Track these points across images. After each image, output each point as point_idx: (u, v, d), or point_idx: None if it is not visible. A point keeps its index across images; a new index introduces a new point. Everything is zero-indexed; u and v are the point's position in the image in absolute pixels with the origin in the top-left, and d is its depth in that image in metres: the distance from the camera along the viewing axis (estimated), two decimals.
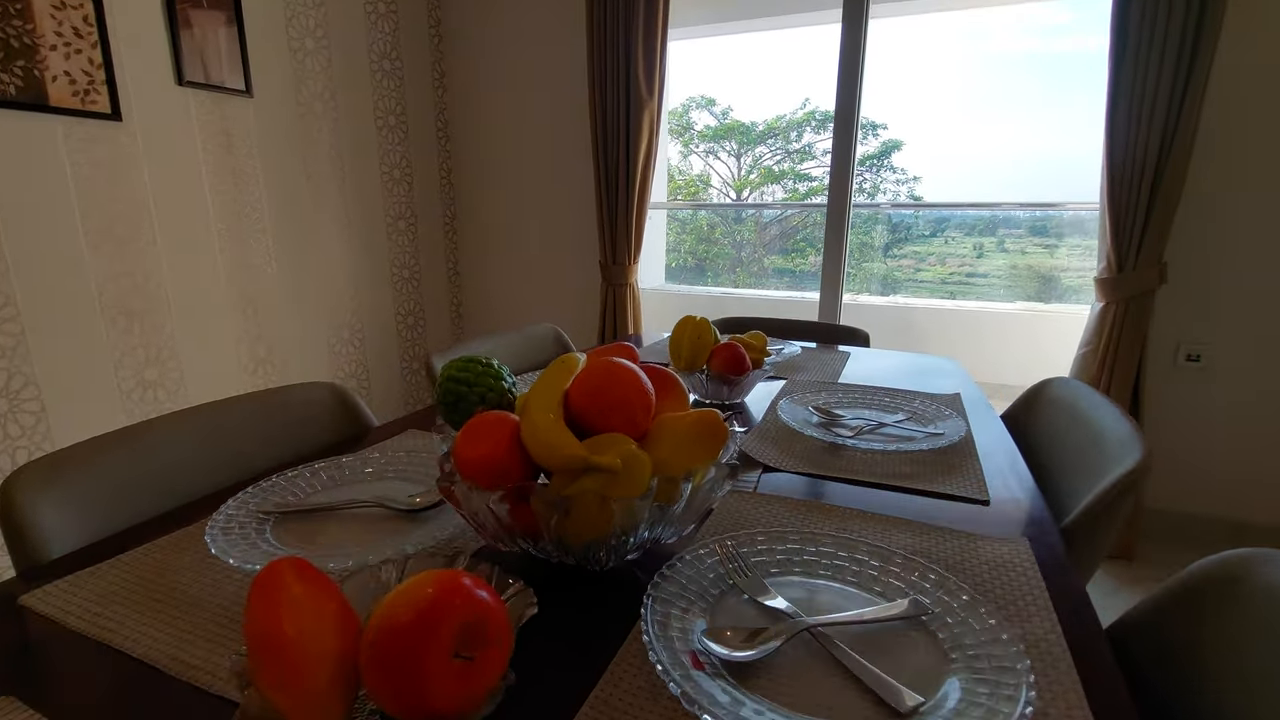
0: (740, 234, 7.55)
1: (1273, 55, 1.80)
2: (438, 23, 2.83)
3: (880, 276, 7.06)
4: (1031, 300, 5.53)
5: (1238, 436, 2.04)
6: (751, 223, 8.17)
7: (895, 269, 6.97)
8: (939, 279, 7.17)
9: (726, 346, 1.04)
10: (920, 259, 7.36)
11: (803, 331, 1.80)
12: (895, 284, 7.15)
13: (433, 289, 2.99)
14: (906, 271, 7.19)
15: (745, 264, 7.52)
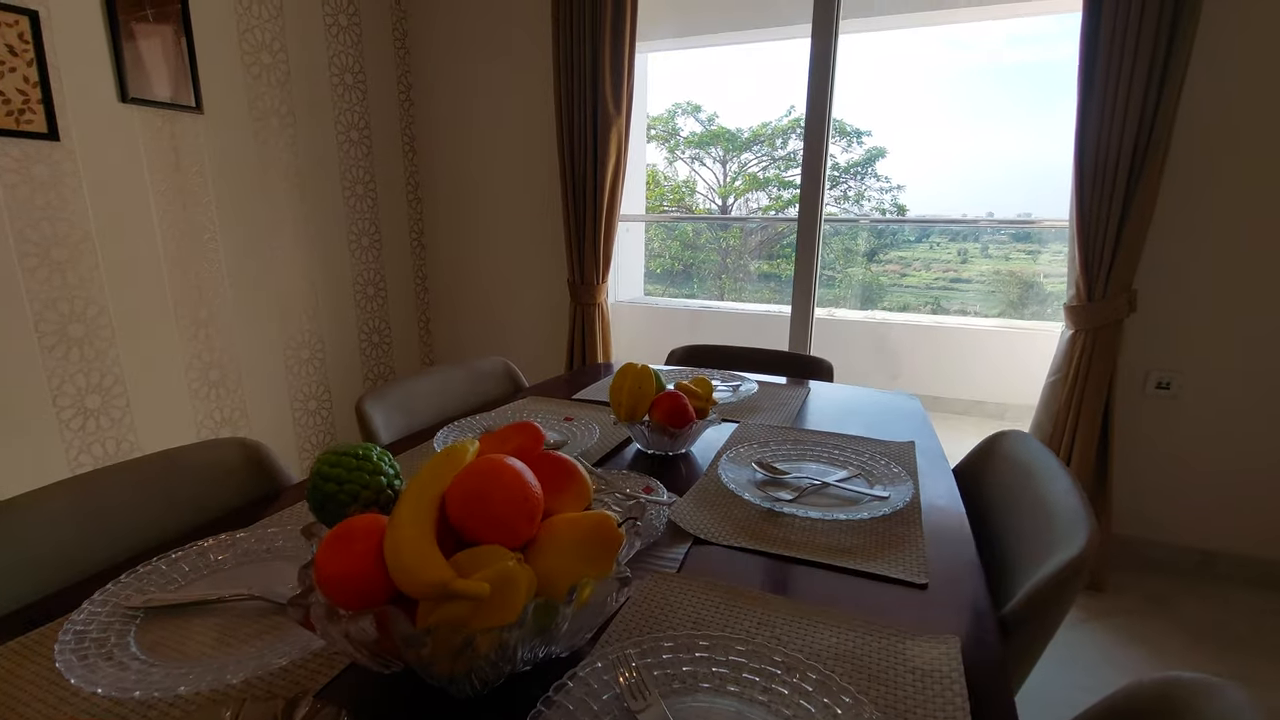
0: (726, 240, 7.53)
1: (1241, 85, 1.78)
2: (404, 35, 2.77)
3: (864, 282, 7.09)
4: (1015, 304, 5.55)
5: (1207, 465, 2.02)
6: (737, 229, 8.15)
7: (881, 274, 7.01)
8: (924, 284, 7.21)
9: (669, 396, 0.99)
10: (906, 264, 7.41)
11: (766, 362, 1.75)
12: (881, 289, 7.19)
13: (399, 305, 2.92)
14: (892, 276, 7.23)
15: (730, 270, 7.52)
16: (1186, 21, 1.67)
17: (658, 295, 7.84)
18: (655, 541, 0.74)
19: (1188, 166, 1.86)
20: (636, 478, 0.84)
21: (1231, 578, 2.04)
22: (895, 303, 7.09)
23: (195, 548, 0.69)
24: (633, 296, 4.81)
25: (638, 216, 4.83)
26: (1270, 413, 1.92)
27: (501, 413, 1.19)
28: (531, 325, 2.89)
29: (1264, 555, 2.00)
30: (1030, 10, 3.26)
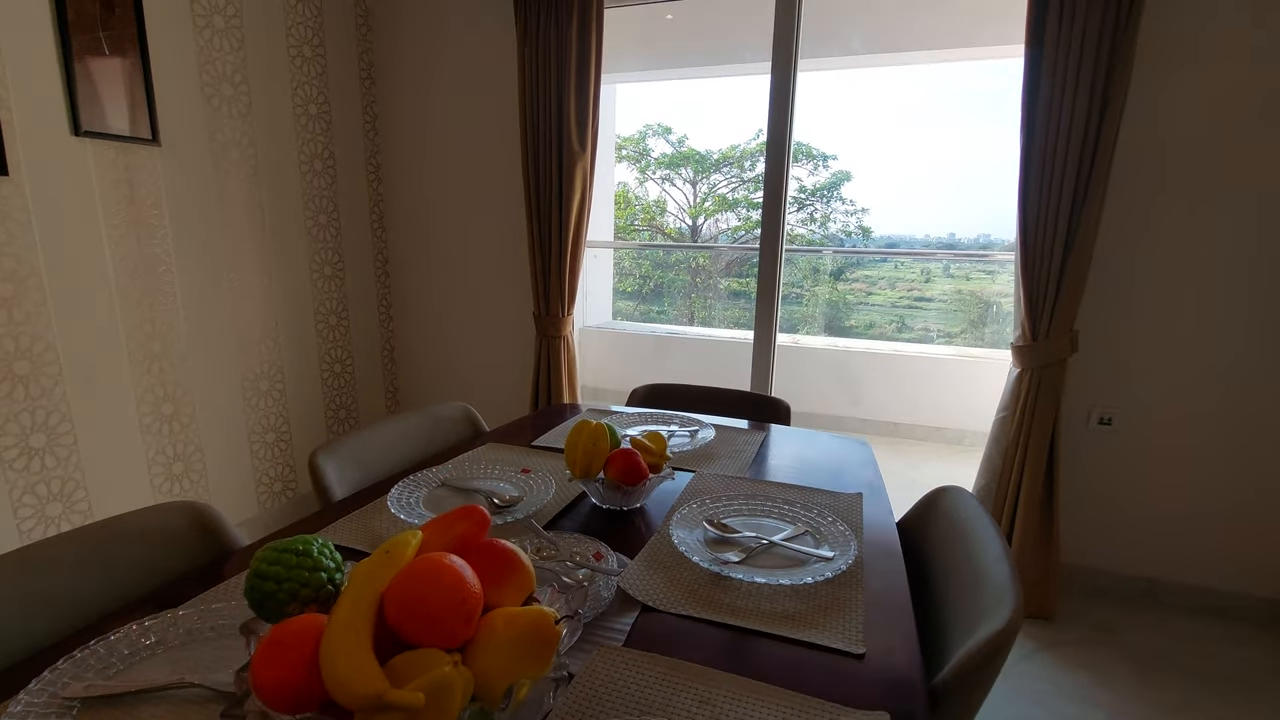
0: (696, 259, 7.60)
1: (1171, 132, 1.89)
2: (369, 66, 2.77)
3: (830, 301, 7.22)
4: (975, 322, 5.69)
5: (1148, 496, 2.10)
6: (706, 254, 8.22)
7: (848, 292, 7.15)
8: (890, 302, 7.38)
9: (623, 455, 1.00)
10: (871, 283, 7.57)
11: (727, 402, 1.78)
12: (848, 308, 7.33)
13: (362, 335, 2.89)
14: (858, 294, 7.38)
15: (700, 289, 7.59)
16: (1119, 80, 1.77)
17: (629, 311, 7.89)
18: (604, 611, 0.75)
19: (1122, 217, 1.96)
20: (588, 541, 0.86)
21: (1174, 605, 2.12)
22: (862, 321, 7.23)
23: (136, 628, 0.68)
24: (601, 321, 4.84)
25: (605, 243, 4.88)
26: (1205, 446, 2.02)
27: (459, 463, 1.19)
28: (497, 356, 2.89)
29: (1204, 583, 2.09)
30: (978, 55, 3.42)
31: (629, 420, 1.50)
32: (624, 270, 7.50)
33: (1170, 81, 1.86)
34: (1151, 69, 1.86)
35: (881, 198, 7.12)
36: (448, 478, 1.11)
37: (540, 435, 1.41)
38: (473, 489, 1.07)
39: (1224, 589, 2.07)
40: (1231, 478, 2.01)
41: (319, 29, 2.52)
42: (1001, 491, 2.10)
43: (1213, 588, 2.08)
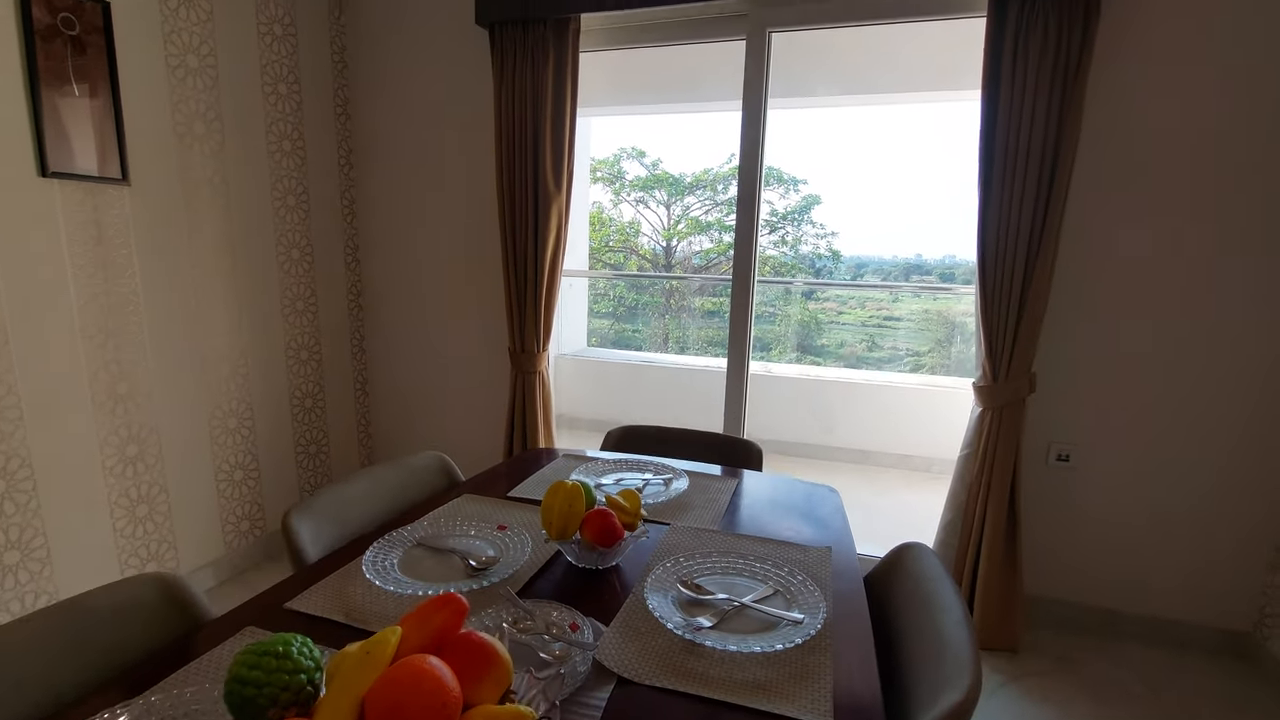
0: (670, 283, 7.66)
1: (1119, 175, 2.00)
2: (345, 102, 2.78)
3: (802, 321, 7.32)
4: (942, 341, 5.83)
5: (1105, 529, 2.18)
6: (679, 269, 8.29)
7: (819, 312, 7.27)
8: (860, 322, 7.51)
9: (598, 515, 1.02)
10: (842, 302, 7.70)
11: (700, 444, 1.81)
12: (819, 327, 7.43)
13: (334, 368, 2.87)
14: (829, 314, 7.50)
15: (674, 310, 7.65)
16: (1070, 124, 1.87)
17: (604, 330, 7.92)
18: (581, 685, 0.77)
19: (1076, 261, 2.06)
20: (564, 610, 0.87)
21: (1132, 636, 2.20)
22: (833, 340, 7.35)
23: (108, 717, 0.68)
24: (576, 349, 4.86)
25: (580, 272, 4.91)
26: (1157, 480, 2.10)
27: (435, 519, 1.20)
28: (472, 391, 2.88)
29: (1161, 614, 2.16)
30: (939, 99, 3.56)
31: (604, 468, 1.52)
32: (599, 291, 7.55)
33: (1118, 119, 1.96)
34: (1099, 108, 1.97)
35: (850, 220, 7.28)
36: (423, 536, 1.12)
37: (516, 485, 1.42)
38: (449, 549, 1.08)
39: (1179, 619, 2.15)
40: (1185, 512, 2.10)
41: (294, 66, 2.53)
42: (967, 526, 2.16)
43: (1169, 618, 2.16)
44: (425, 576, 0.99)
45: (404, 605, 0.91)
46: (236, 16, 2.29)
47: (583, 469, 1.50)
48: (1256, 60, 1.83)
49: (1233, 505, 2.06)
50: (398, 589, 0.93)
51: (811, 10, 2.21)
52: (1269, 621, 2.04)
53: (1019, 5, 1.88)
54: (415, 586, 0.95)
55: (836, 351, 7.25)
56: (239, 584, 2.42)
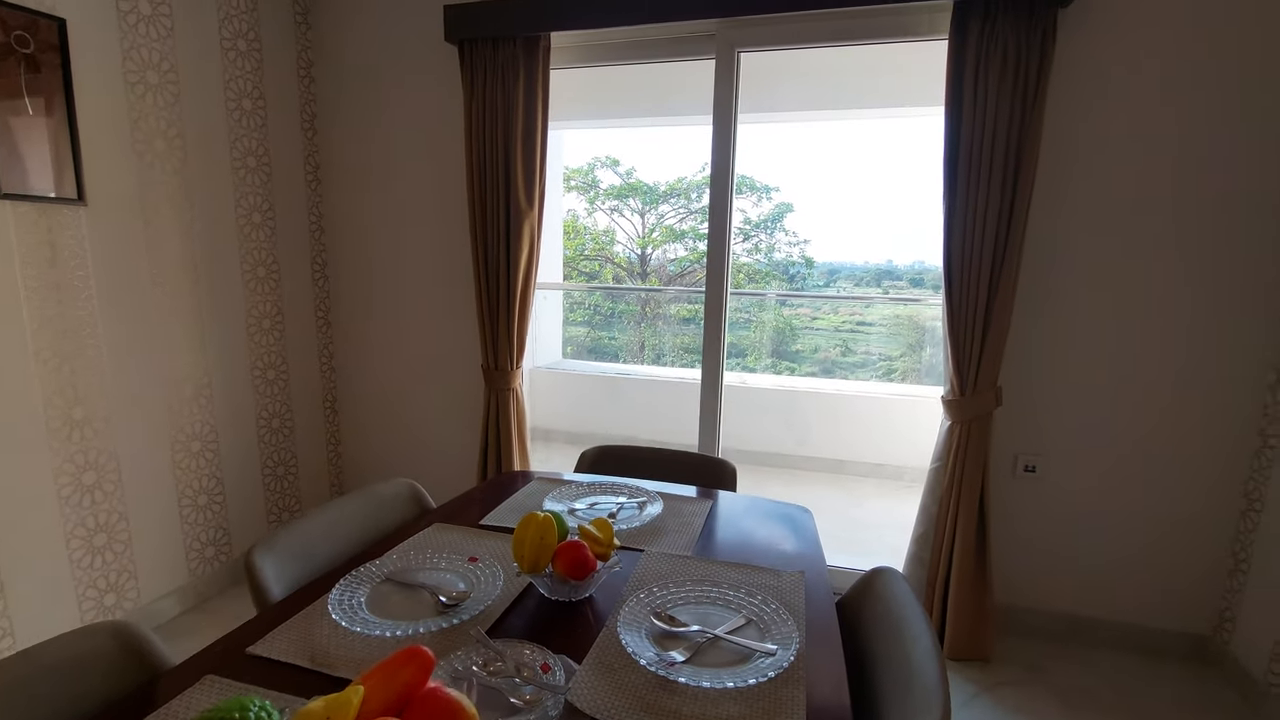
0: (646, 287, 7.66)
1: (1081, 188, 2.06)
2: (312, 118, 2.74)
3: (777, 327, 7.39)
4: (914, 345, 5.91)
5: (1071, 538, 2.23)
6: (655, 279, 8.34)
7: (793, 317, 7.34)
8: (833, 327, 7.59)
9: (570, 547, 1.01)
10: (816, 308, 7.79)
11: (674, 464, 1.81)
12: (794, 332, 7.50)
13: (303, 388, 2.81)
14: (804, 319, 7.58)
15: (650, 318, 7.69)
16: (1030, 140, 1.92)
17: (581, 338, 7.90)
18: None
19: (1035, 281, 2.11)
20: (535, 650, 0.86)
21: (1101, 642, 2.24)
22: (808, 345, 7.42)
23: None
24: (551, 361, 4.84)
25: (554, 285, 4.90)
26: (1121, 487, 2.16)
27: (404, 551, 1.18)
28: (445, 408, 2.85)
29: (1128, 620, 2.21)
30: (906, 113, 3.63)
31: (577, 491, 1.51)
32: (576, 299, 7.56)
33: (1079, 133, 2.02)
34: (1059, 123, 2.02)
35: (823, 228, 7.39)
36: (392, 571, 1.10)
37: (489, 512, 1.40)
38: (418, 584, 1.06)
39: (1145, 625, 2.20)
40: (1149, 518, 2.15)
41: (259, 82, 2.49)
42: (938, 539, 2.19)
43: (1135, 624, 2.21)
44: (394, 615, 0.98)
45: (371, 648, 0.89)
46: (198, 32, 2.25)
47: (556, 494, 1.49)
48: (1201, 72, 1.90)
49: (1193, 511, 2.12)
50: (364, 630, 0.91)
51: (779, 31, 2.24)
52: (1228, 625, 2.10)
53: (979, 29, 1.93)
54: (383, 627, 0.93)
55: (811, 356, 7.33)
56: (203, 613, 2.35)
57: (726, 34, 2.28)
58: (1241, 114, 1.89)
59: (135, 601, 2.20)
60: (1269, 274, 1.94)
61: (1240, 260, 1.96)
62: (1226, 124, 1.90)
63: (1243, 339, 1.99)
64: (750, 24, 2.25)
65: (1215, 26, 1.87)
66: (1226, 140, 1.91)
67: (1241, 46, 1.86)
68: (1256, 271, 1.95)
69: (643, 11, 2.22)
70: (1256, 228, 1.93)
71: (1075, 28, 1.97)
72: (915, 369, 5.78)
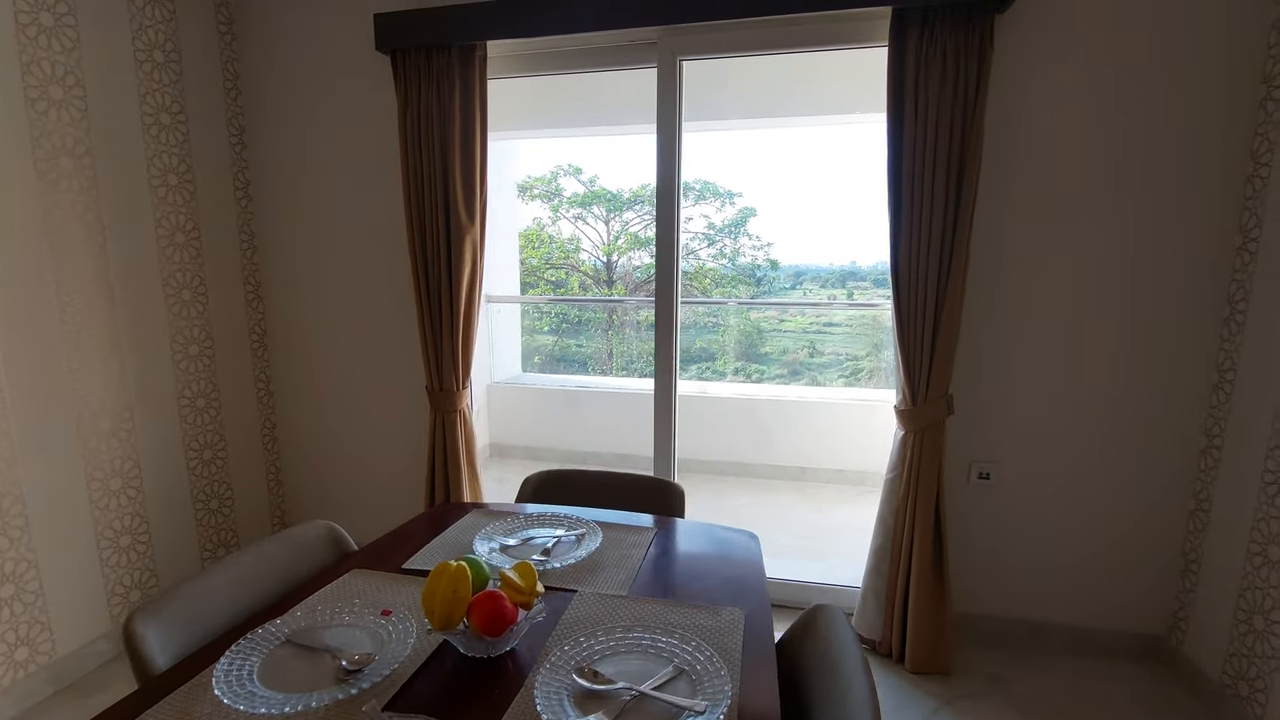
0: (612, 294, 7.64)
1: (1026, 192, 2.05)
2: (241, 131, 2.61)
3: (744, 331, 7.38)
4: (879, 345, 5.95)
5: (1028, 544, 2.22)
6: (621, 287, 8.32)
7: (761, 319, 7.36)
8: (800, 328, 7.62)
9: (486, 600, 0.93)
10: (783, 310, 7.80)
11: (619, 490, 1.74)
12: (761, 335, 7.50)
13: (237, 416, 2.67)
14: (771, 322, 7.59)
15: (616, 325, 7.65)
16: (972, 148, 1.90)
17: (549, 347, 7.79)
18: None
19: (983, 286, 2.10)
20: None
21: (1060, 647, 2.23)
22: (776, 347, 7.43)
23: None
24: (510, 376, 4.73)
25: (510, 298, 4.80)
26: (1074, 491, 2.15)
27: (311, 606, 1.08)
28: (391, 434, 2.73)
29: (1085, 624, 2.21)
30: (861, 120, 3.63)
31: (513, 525, 1.43)
32: (543, 309, 7.48)
33: (1021, 135, 2.01)
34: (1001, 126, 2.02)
35: (787, 231, 7.45)
36: (294, 631, 1.00)
37: (415, 553, 1.31)
38: (321, 646, 0.97)
39: (1102, 627, 2.20)
40: (1103, 521, 2.15)
41: (179, 95, 2.35)
42: (896, 551, 2.15)
43: (1092, 627, 2.21)
44: (289, 685, 0.88)
45: None
46: (108, 44, 2.11)
47: (492, 528, 1.40)
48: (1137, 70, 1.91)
49: (1146, 512, 2.12)
50: (249, 707, 0.82)
51: (721, 39, 2.20)
52: (1181, 625, 2.11)
53: (918, 35, 1.91)
54: (272, 702, 0.83)
55: (779, 358, 7.34)
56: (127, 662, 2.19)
57: (668, 42, 2.23)
58: (1182, 111, 1.90)
59: (50, 655, 2.04)
60: (1209, 275, 1.96)
61: (1183, 261, 1.97)
62: (1165, 122, 1.91)
63: (1188, 340, 2.00)
64: (691, 31, 2.20)
65: (1148, 27, 1.88)
66: (1165, 139, 1.92)
67: (1172, 45, 1.88)
68: (1198, 272, 1.96)
69: (581, 20, 2.16)
70: (1197, 229, 1.94)
71: (1012, 32, 1.96)
72: (880, 368, 5.84)
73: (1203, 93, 1.88)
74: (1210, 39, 1.85)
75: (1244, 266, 1.90)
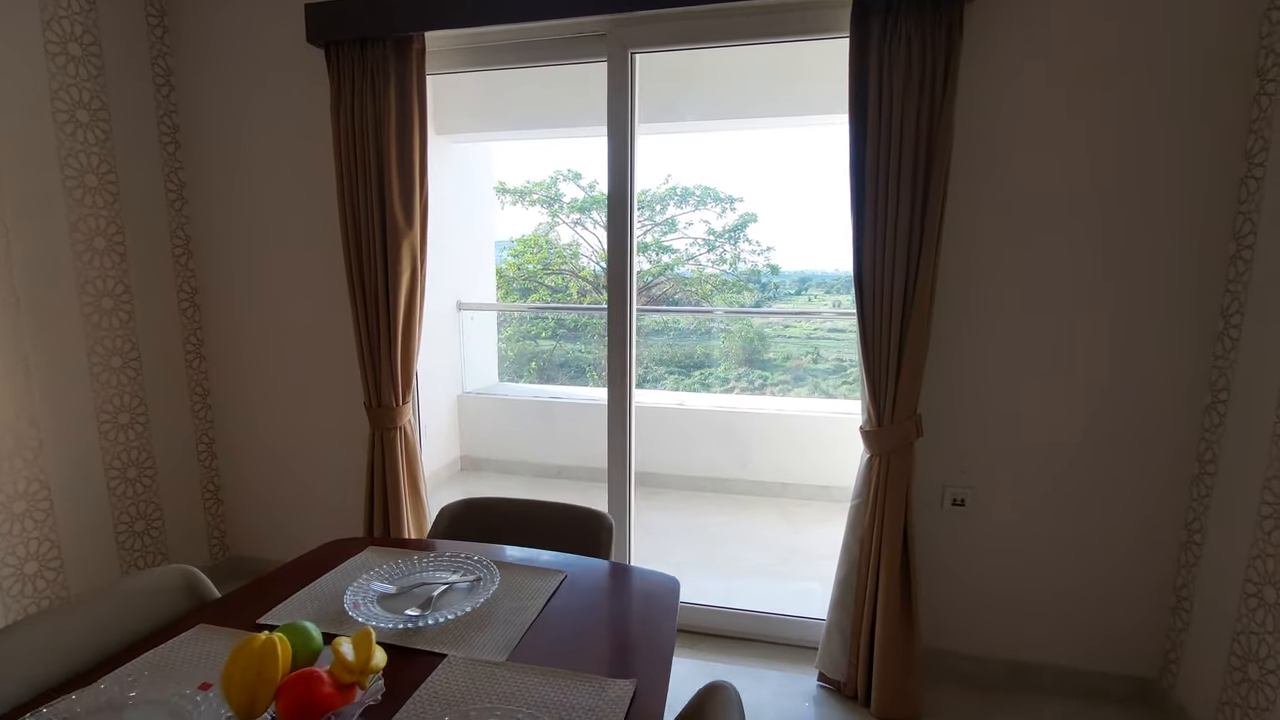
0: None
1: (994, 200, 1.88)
2: (174, 129, 2.47)
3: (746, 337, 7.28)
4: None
5: (1005, 576, 2.04)
6: None
7: (765, 325, 7.24)
8: (805, 334, 7.48)
9: (297, 683, 0.77)
10: (787, 315, 7.65)
11: (543, 521, 1.57)
12: (765, 340, 7.38)
13: (168, 432, 2.51)
14: (775, 327, 7.47)
15: None
16: (940, 153, 1.74)
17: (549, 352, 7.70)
18: None
19: (952, 298, 1.93)
20: None
21: (1041, 688, 2.05)
22: (779, 352, 7.32)
23: None
24: (484, 386, 4.57)
25: (485, 305, 4.65)
26: (1057, 520, 1.97)
27: (120, 678, 0.91)
28: (334, 452, 2.57)
29: (1068, 664, 2.03)
30: (824, 121, 3.48)
31: (406, 569, 1.26)
32: (540, 316, 7.43)
33: (993, 132, 1.84)
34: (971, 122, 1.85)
35: (791, 236, 7.40)
36: (85, 711, 0.83)
37: (279, 603, 1.14)
38: None
39: (1087, 668, 2.02)
40: (1087, 552, 1.97)
41: (99, 91, 2.21)
42: (861, 583, 1.98)
43: (1076, 667, 2.03)
44: None
45: None
46: (12, 35, 1.97)
47: (379, 570, 1.24)
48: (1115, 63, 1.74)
49: (1133, 543, 1.94)
50: None
51: (675, 29, 2.05)
52: (1173, 667, 1.92)
53: (880, 25, 1.75)
54: None
55: (783, 364, 7.20)
56: None
57: (618, 34, 2.08)
58: (1169, 106, 1.73)
59: None
60: (1200, 280, 1.79)
61: (1172, 270, 1.80)
62: (1151, 119, 1.74)
63: (1178, 355, 1.83)
64: (643, 21, 2.05)
65: (1125, 18, 1.72)
66: (1150, 138, 1.75)
67: (1151, 37, 1.71)
68: (1188, 282, 1.79)
69: (522, 7, 2.01)
70: (1183, 233, 1.77)
71: (982, 22, 1.80)
72: None
73: (1189, 86, 1.71)
74: (1194, 28, 1.69)
75: (1238, 276, 1.72)
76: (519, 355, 7.84)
